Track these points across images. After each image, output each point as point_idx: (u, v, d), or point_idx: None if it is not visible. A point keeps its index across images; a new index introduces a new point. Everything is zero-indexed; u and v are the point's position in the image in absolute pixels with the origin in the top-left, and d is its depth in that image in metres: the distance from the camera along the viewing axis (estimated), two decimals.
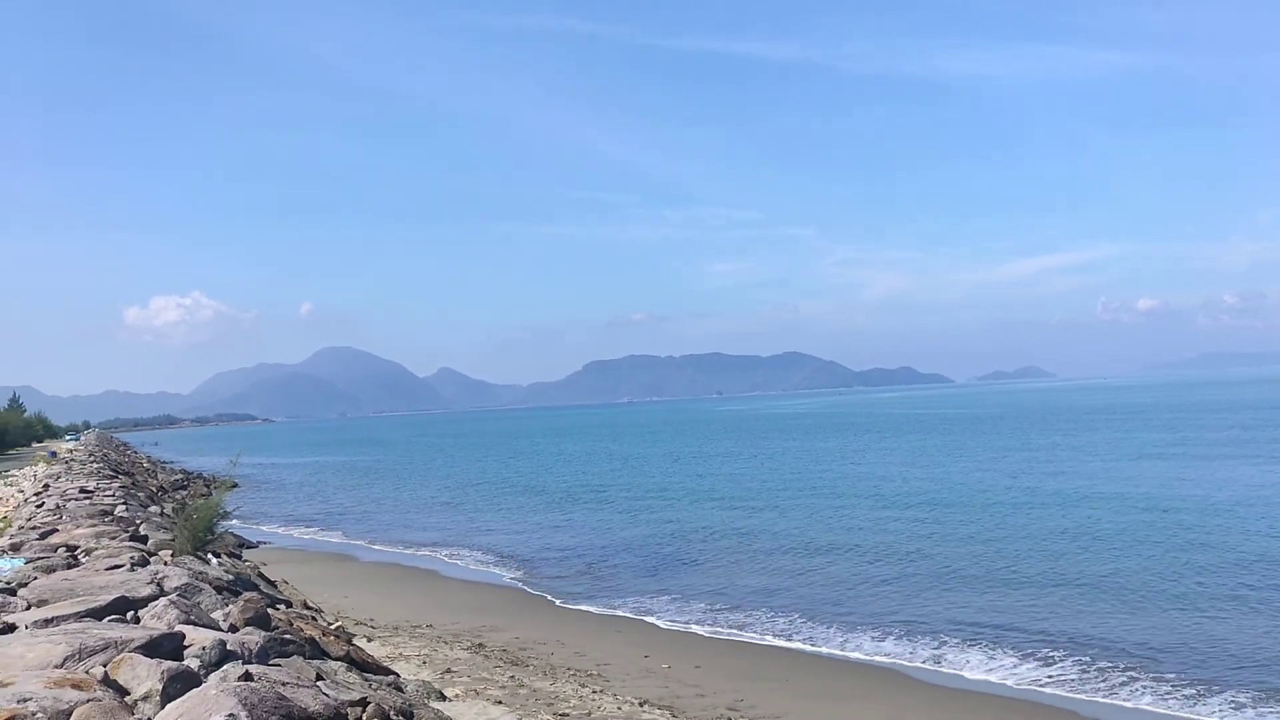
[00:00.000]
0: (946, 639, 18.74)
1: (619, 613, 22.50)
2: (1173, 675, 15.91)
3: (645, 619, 21.74)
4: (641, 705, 14.07)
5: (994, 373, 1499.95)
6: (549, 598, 24.64)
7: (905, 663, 17.62)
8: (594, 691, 14.66)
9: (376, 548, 35.77)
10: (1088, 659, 16.96)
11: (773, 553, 29.59)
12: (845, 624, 20.42)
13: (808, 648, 18.92)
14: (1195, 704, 14.68)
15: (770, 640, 19.51)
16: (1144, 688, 15.44)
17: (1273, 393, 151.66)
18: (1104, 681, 15.85)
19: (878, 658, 17.97)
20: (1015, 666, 16.87)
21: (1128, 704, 14.87)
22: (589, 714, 13.11)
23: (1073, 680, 15.99)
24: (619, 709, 13.68)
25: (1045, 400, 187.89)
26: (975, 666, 16.97)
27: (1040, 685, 15.89)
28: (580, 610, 23.02)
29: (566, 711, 13.06)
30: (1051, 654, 17.43)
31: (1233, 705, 14.50)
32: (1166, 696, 15.03)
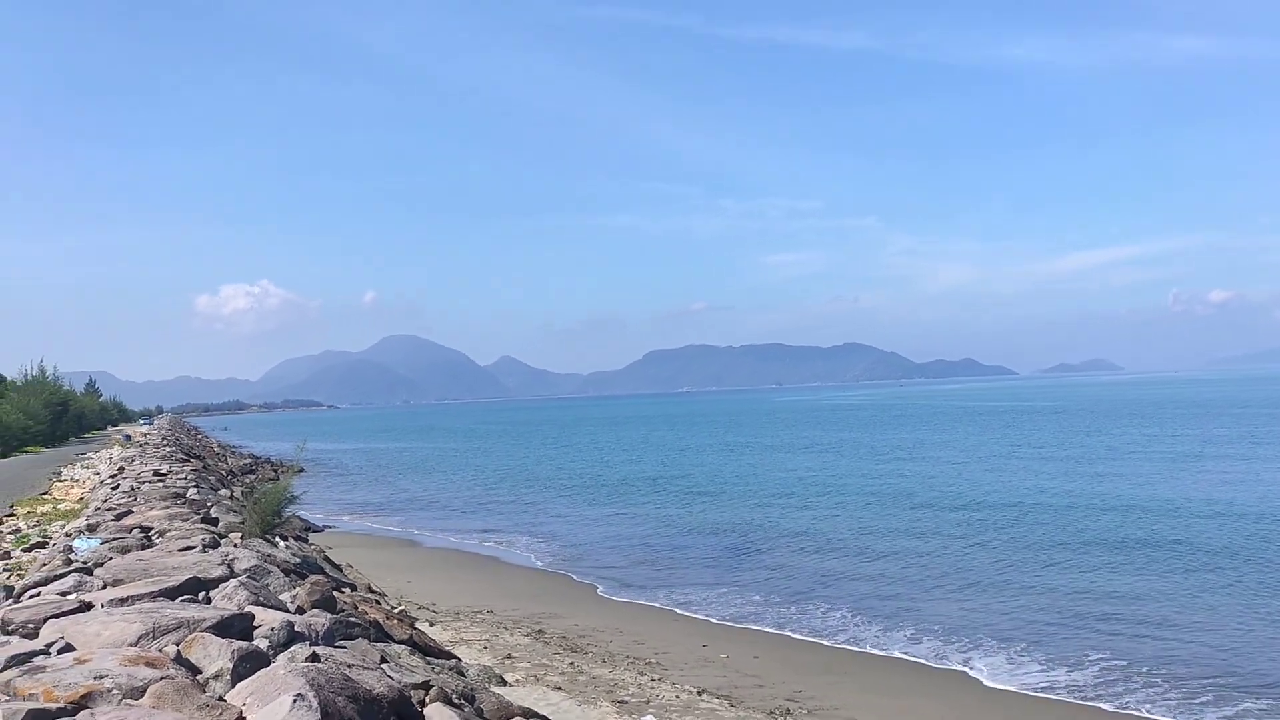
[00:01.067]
0: (1005, 643, 18.37)
1: (676, 602, 22.50)
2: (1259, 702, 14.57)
3: (703, 609, 21.71)
4: (700, 694, 14.08)
5: (1059, 365, 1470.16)
6: (606, 587, 24.71)
7: (959, 665, 17.26)
8: (652, 679, 14.70)
9: (438, 534, 36.19)
10: (1161, 676, 16.10)
11: (828, 549, 29.30)
12: (902, 623, 20.16)
13: (866, 646, 18.68)
14: None
15: (828, 635, 19.35)
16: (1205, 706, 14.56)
17: None
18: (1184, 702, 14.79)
19: (934, 659, 17.66)
20: (1071, 674, 16.23)
21: None
22: (648, 701, 13.16)
23: (1142, 699, 15.00)
24: (677, 697, 13.70)
25: (1106, 394, 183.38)
26: (1031, 672, 16.43)
27: (1097, 698, 15.15)
28: (638, 599, 23.07)
29: (625, 699, 13.13)
30: (1117, 665, 16.76)
31: None
32: None
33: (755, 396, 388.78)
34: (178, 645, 7.35)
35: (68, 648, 7.27)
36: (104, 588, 10.17)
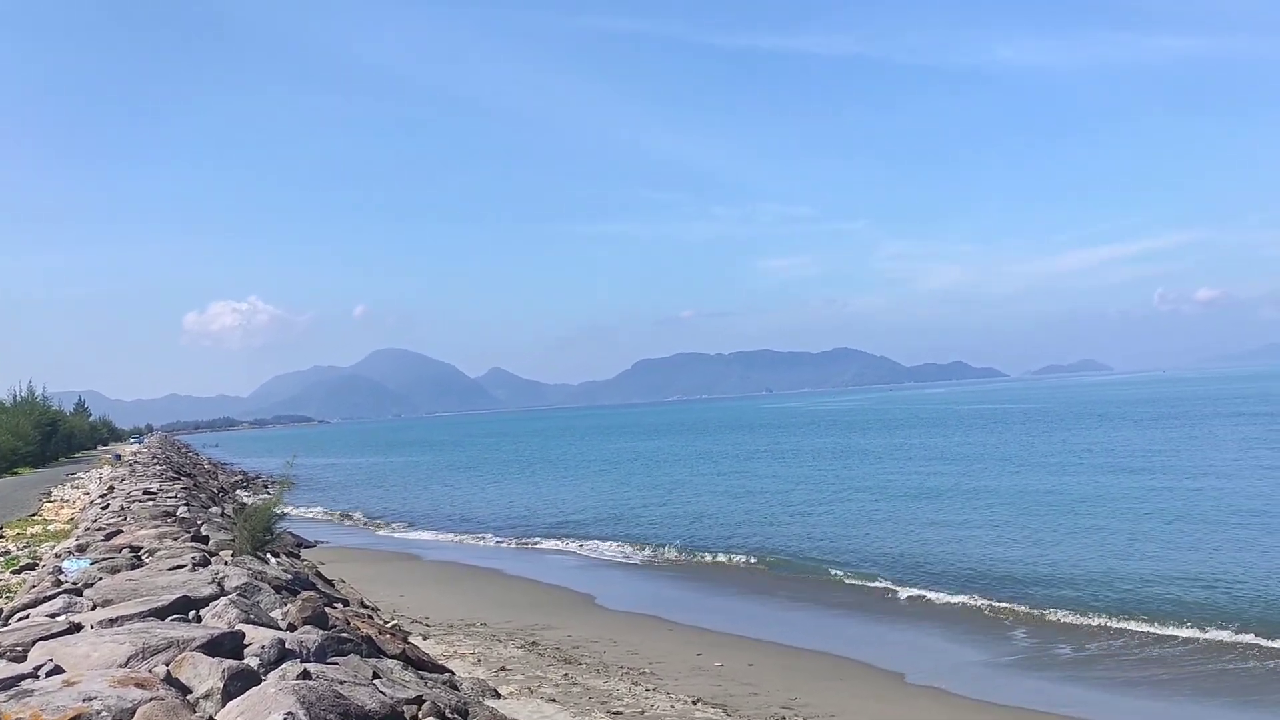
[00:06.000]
0: (991, 650, 18.43)
1: (670, 612, 22.46)
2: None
3: (695, 618, 21.69)
4: (695, 703, 14.05)
5: (1049, 366, 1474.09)
6: (599, 597, 24.69)
7: (945, 674, 17.29)
8: (647, 690, 14.66)
9: (430, 547, 36.12)
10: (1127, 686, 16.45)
11: (821, 555, 29.38)
12: (897, 629, 20.19)
13: (860, 653, 18.66)
14: None
15: (822, 641, 19.35)
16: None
17: None
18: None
19: (924, 667, 17.68)
20: (1057, 683, 16.34)
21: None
22: (642, 712, 13.12)
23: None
24: (672, 707, 13.67)
25: (1086, 395, 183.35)
26: (1013, 682, 16.49)
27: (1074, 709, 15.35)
28: (631, 609, 23.04)
29: (620, 709, 13.09)
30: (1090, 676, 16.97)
31: None
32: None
33: (746, 404, 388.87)
34: (168, 665, 7.31)
35: (56, 670, 7.22)
36: (93, 608, 10.11)
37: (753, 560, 28.86)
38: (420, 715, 8.01)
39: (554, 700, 13.14)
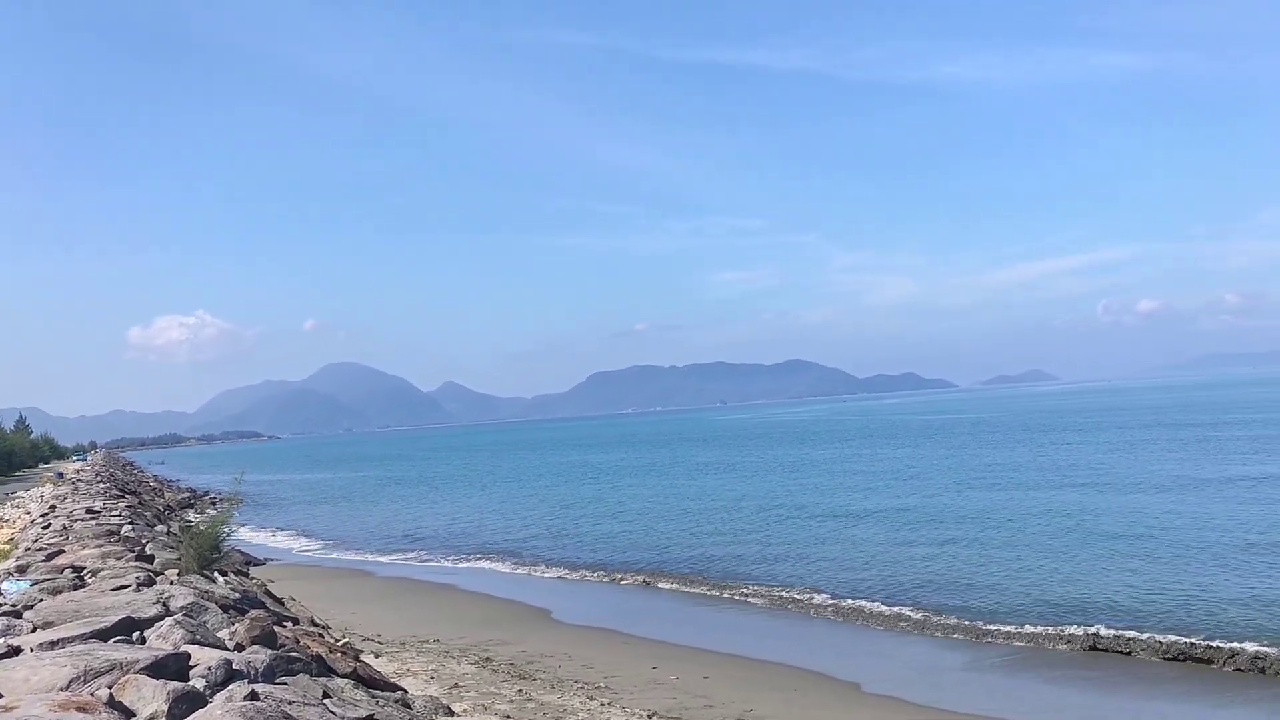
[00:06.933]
0: (946, 659, 18.64)
1: (626, 625, 22.43)
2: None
3: (651, 631, 21.67)
4: (650, 717, 14.02)
5: (998, 377, 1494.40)
6: (555, 611, 24.59)
7: (901, 683, 17.47)
8: (602, 704, 14.61)
9: (382, 563, 35.75)
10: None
11: (771, 564, 29.54)
12: (850, 640, 20.33)
13: (814, 664, 18.72)
14: None
15: (776, 653, 19.40)
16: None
17: (1253, 394, 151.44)
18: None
19: (880, 676, 17.80)
20: (1008, 689, 16.65)
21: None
22: None
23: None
24: None
25: (1031, 405, 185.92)
26: (968, 689, 16.72)
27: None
28: (587, 623, 22.97)
29: None
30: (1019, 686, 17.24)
31: None
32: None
33: (700, 416, 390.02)
34: (110, 688, 7.14)
35: None
36: (33, 631, 9.87)
37: (700, 575, 28.89)
38: None
39: (508, 717, 13.05)
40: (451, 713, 12.47)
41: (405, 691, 12.38)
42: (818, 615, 22.87)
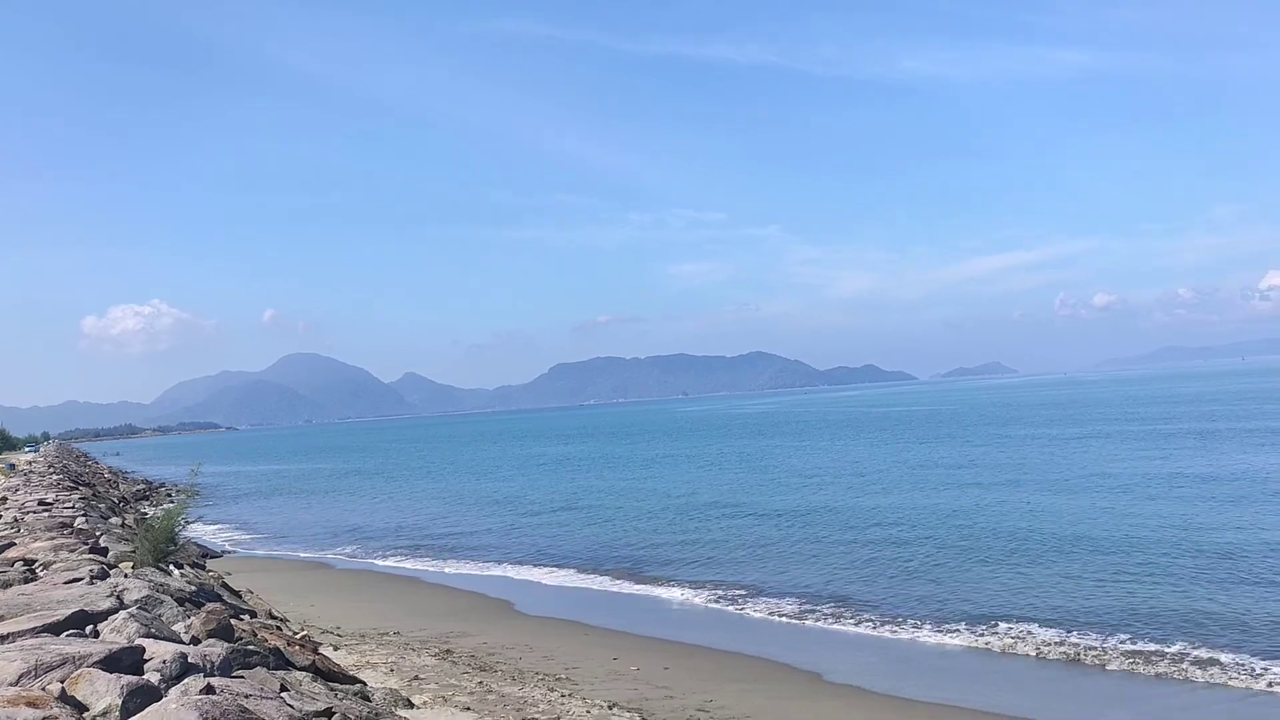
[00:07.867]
0: (907, 649, 18.82)
1: (587, 616, 22.45)
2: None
3: (612, 622, 21.70)
4: (611, 708, 14.05)
5: (957, 369, 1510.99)
6: (518, 603, 24.54)
7: (862, 673, 17.61)
8: (563, 695, 14.62)
9: (342, 556, 35.49)
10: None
11: (735, 559, 29.68)
12: (811, 632, 20.48)
13: (775, 654, 18.84)
14: None
15: (735, 644, 19.51)
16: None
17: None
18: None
19: (840, 667, 17.94)
20: (968, 679, 16.92)
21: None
22: (558, 718, 13.08)
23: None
24: (588, 712, 13.65)
25: (988, 398, 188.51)
26: (927, 680, 16.90)
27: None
28: (549, 614, 22.95)
29: (535, 716, 13.03)
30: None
31: None
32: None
33: (662, 407, 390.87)
34: (62, 682, 7.03)
35: None
36: None
37: (659, 568, 28.97)
38: None
39: (468, 709, 13.01)
40: (412, 705, 12.42)
41: (365, 684, 12.31)
42: (787, 610, 23.01)
